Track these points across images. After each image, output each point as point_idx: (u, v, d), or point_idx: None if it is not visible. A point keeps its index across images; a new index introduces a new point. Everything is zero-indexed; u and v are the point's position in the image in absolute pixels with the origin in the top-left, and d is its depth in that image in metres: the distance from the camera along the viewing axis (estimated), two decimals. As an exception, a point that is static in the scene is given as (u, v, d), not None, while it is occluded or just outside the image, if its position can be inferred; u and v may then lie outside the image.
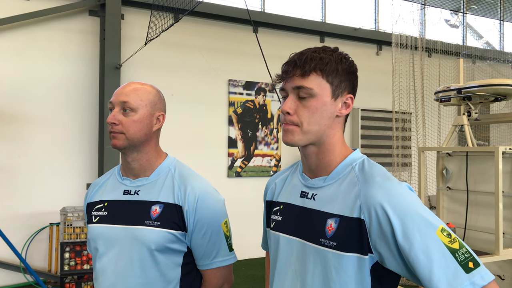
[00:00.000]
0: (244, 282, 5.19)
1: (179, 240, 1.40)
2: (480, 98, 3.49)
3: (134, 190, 1.46)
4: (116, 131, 1.40)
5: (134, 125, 1.41)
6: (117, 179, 1.52)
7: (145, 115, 1.43)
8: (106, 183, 1.55)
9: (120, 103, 1.41)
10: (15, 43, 5.00)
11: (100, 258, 1.44)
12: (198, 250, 1.43)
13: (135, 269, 1.38)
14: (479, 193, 3.37)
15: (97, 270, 1.45)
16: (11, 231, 4.60)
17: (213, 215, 1.44)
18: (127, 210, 1.44)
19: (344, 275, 1.05)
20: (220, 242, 1.46)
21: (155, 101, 1.46)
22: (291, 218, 1.20)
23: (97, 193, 1.54)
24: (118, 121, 1.40)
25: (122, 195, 1.47)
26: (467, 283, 0.94)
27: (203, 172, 1.64)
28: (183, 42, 5.86)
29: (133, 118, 1.41)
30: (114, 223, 1.44)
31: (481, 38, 8.85)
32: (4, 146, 4.94)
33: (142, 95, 1.43)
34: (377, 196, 1.03)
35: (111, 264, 1.41)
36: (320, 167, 1.16)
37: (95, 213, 1.49)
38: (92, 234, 1.47)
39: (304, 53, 1.11)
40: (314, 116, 1.09)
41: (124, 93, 1.42)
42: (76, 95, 5.30)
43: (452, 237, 0.99)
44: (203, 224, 1.41)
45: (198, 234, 1.41)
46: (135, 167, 1.47)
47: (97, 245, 1.45)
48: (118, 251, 1.41)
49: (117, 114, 1.41)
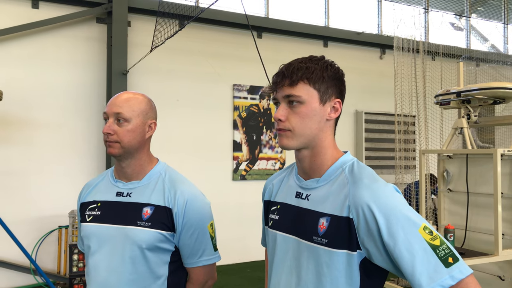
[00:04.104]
0: (249, 284, 5.24)
1: (168, 240, 1.50)
2: (479, 101, 3.54)
3: (127, 192, 1.55)
4: (112, 140, 1.50)
5: (128, 134, 1.50)
6: (110, 181, 1.62)
7: (138, 124, 1.52)
8: (99, 184, 1.65)
9: (114, 114, 1.50)
10: (25, 51, 5.14)
11: (92, 255, 1.53)
12: (185, 249, 1.53)
13: (126, 266, 1.48)
14: (479, 195, 3.42)
15: (90, 266, 1.54)
16: (21, 234, 4.70)
17: (200, 217, 1.54)
18: (119, 211, 1.53)
19: (334, 270, 1.14)
20: (206, 242, 1.56)
21: (147, 110, 1.55)
22: (287, 217, 1.28)
23: (91, 194, 1.64)
24: (113, 131, 1.49)
25: (115, 196, 1.57)
26: (447, 276, 1.02)
27: (208, 175, 1.73)
28: (188, 48, 5.96)
29: (127, 128, 1.50)
30: (107, 222, 1.53)
31: (486, 41, 8.87)
32: (15, 151, 5.07)
33: (134, 105, 1.52)
34: (364, 197, 1.11)
35: (103, 261, 1.51)
36: (313, 169, 1.25)
37: (89, 213, 1.58)
38: (85, 232, 1.57)
39: (292, 64, 1.21)
40: (305, 121, 1.19)
41: (117, 104, 1.51)
42: (84, 101, 5.42)
43: (433, 234, 1.07)
44: (191, 225, 1.52)
45: (186, 235, 1.52)
46: (128, 171, 1.57)
47: (90, 242, 1.54)
48: (110, 249, 1.50)
49: (111, 124, 1.50)
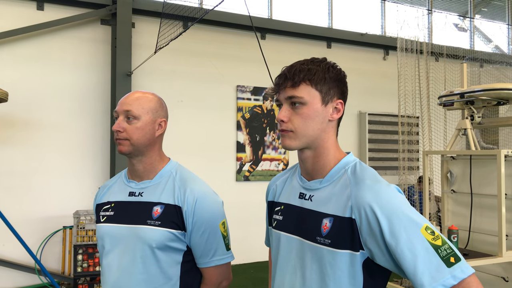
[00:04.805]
0: (253, 284, 5.25)
1: (179, 239, 1.50)
2: (482, 102, 3.54)
3: (139, 192, 1.57)
4: (121, 138, 1.52)
5: (138, 131, 1.52)
6: (123, 181, 1.64)
7: (147, 122, 1.54)
8: (113, 186, 1.67)
9: (124, 112, 1.52)
10: (30, 52, 5.18)
11: (106, 255, 1.56)
12: (197, 248, 1.54)
13: (137, 266, 1.49)
14: (483, 196, 3.42)
15: (104, 266, 1.56)
16: (26, 234, 4.73)
17: (211, 216, 1.54)
18: (131, 211, 1.55)
19: (338, 270, 1.15)
20: (217, 242, 1.55)
21: (157, 108, 1.57)
22: (291, 218, 1.29)
23: (105, 195, 1.66)
24: (123, 129, 1.51)
25: (127, 196, 1.58)
26: (448, 276, 1.03)
27: (212, 176, 1.75)
28: (192, 49, 5.99)
29: (136, 125, 1.52)
30: (120, 222, 1.55)
31: (489, 42, 8.85)
32: (20, 152, 5.10)
33: (143, 103, 1.54)
34: (366, 197, 1.12)
35: (116, 260, 1.52)
36: (316, 170, 1.26)
37: (103, 213, 1.61)
38: (100, 232, 1.59)
39: (294, 66, 1.22)
40: (307, 121, 1.20)
41: (127, 103, 1.53)
42: (88, 102, 5.45)
43: (435, 234, 1.08)
44: (201, 224, 1.51)
45: (196, 234, 1.51)
46: (140, 170, 1.58)
47: (104, 243, 1.57)
48: (122, 249, 1.52)
49: (121, 122, 1.52)
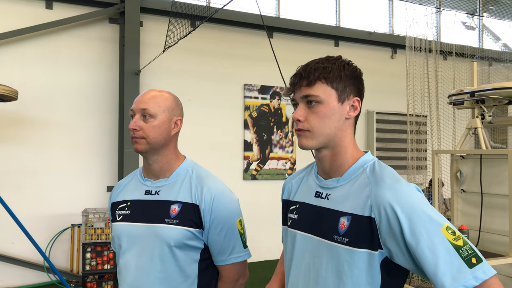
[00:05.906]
0: (260, 284, 5.25)
1: (196, 237, 1.51)
2: (493, 101, 3.51)
3: (155, 191, 1.56)
4: (138, 136, 1.52)
5: (154, 130, 1.52)
6: (139, 180, 1.63)
7: (164, 120, 1.53)
8: (129, 184, 1.67)
9: (140, 110, 1.53)
10: (39, 51, 5.20)
11: (123, 254, 1.55)
12: (214, 246, 1.53)
13: (155, 264, 1.49)
14: (493, 196, 3.39)
15: (121, 265, 1.56)
16: (35, 232, 4.75)
17: (228, 213, 1.54)
18: (148, 209, 1.54)
19: (355, 269, 1.14)
20: (235, 239, 1.56)
21: (173, 107, 1.57)
22: (307, 217, 1.29)
23: (121, 193, 1.66)
24: (139, 127, 1.52)
25: (143, 195, 1.58)
26: (470, 277, 1.02)
27: (219, 174, 1.74)
28: (200, 48, 5.99)
29: (153, 123, 1.52)
30: (137, 221, 1.54)
31: (498, 40, 8.78)
32: (28, 150, 5.13)
33: (160, 102, 1.54)
34: (386, 196, 1.11)
35: (133, 259, 1.52)
36: (333, 169, 1.25)
37: (119, 212, 1.60)
38: (116, 231, 1.59)
39: (309, 64, 1.21)
40: (324, 120, 1.19)
41: (143, 101, 1.53)
42: (97, 100, 5.47)
43: (456, 234, 1.07)
44: (218, 222, 1.52)
45: (214, 232, 1.52)
46: (156, 168, 1.57)
47: (121, 242, 1.56)
48: (140, 248, 1.51)
49: (137, 120, 1.52)
